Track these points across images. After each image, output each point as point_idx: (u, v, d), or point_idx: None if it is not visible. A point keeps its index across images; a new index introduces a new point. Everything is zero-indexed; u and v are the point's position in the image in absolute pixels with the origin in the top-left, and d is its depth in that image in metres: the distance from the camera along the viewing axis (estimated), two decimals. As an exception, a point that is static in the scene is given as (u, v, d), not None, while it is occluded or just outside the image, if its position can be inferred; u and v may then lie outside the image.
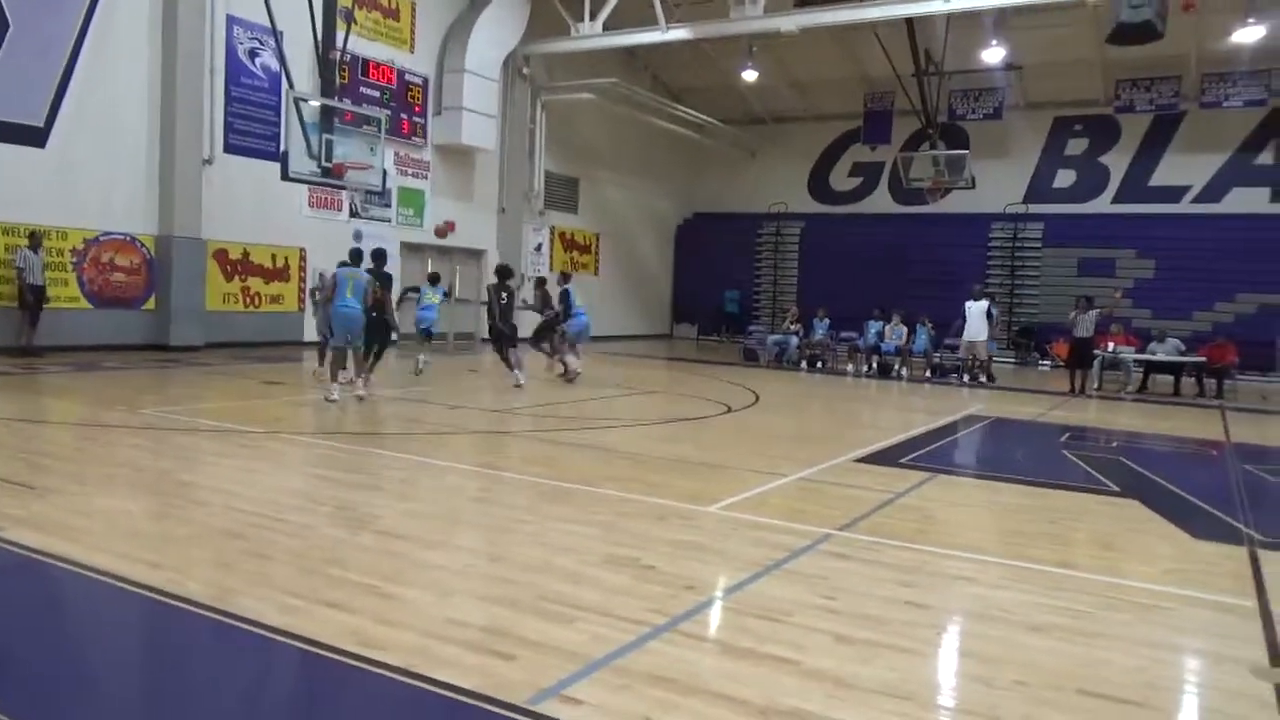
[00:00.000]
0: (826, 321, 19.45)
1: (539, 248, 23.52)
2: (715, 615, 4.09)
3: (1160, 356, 16.23)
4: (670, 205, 28.98)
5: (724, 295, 27.33)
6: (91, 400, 9.61)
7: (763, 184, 28.12)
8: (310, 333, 16.63)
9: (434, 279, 14.74)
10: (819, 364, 19.10)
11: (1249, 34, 17.78)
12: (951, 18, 19.19)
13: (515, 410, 10.59)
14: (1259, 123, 22.11)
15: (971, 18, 19.32)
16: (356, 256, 10.99)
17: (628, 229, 27.10)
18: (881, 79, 23.80)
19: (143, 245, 15.16)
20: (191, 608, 3.76)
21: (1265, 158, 22.28)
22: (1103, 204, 24.01)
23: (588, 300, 15.22)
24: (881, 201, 26.71)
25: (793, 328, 19.77)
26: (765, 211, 27.74)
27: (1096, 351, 15.91)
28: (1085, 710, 3.18)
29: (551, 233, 24.00)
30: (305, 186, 17.10)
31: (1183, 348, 16.55)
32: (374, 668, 3.23)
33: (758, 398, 13.02)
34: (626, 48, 21.65)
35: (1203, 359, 16.06)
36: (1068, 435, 10.74)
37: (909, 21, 19.60)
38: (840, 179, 27.61)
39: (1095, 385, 15.77)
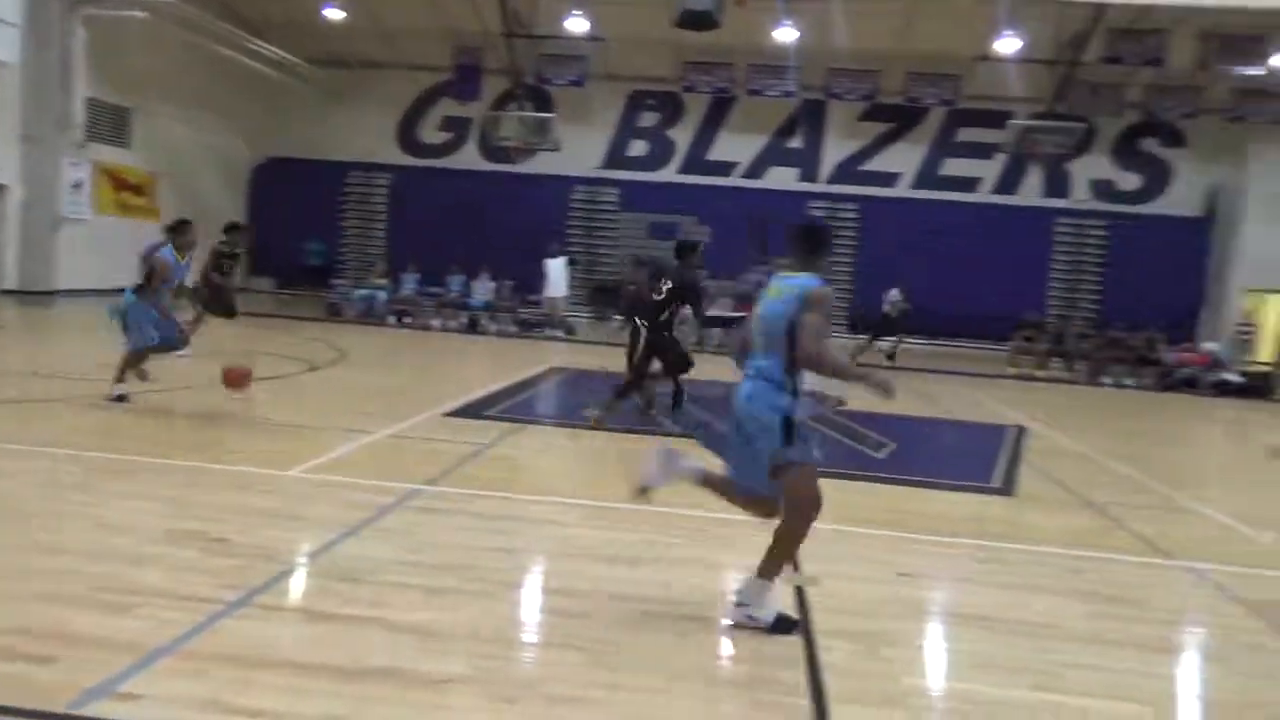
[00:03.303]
0: (416, 275, 19.22)
1: (79, 185, 20.25)
2: (295, 583, 3.92)
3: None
4: (244, 147, 26.50)
5: (307, 246, 25.76)
6: None
7: (349, 131, 26.75)
8: None
9: None
10: (407, 318, 18.85)
11: (785, 34, 20.55)
12: (540, -18, 19.66)
13: (59, 375, 9.11)
14: (788, 114, 25.68)
15: (559, -15, 19.95)
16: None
17: (192, 170, 24.21)
18: (473, 34, 23.74)
19: None
20: None
21: (795, 142, 26.01)
22: (670, 174, 26.38)
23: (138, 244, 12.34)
24: (470, 158, 26.79)
25: (381, 281, 19.26)
26: (352, 160, 26.53)
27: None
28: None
29: (95, 169, 20.77)
30: None
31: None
32: None
33: (343, 354, 12.54)
34: (189, -35, 19.22)
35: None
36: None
37: (495, -20, 19.73)
38: (430, 132, 27.20)
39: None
